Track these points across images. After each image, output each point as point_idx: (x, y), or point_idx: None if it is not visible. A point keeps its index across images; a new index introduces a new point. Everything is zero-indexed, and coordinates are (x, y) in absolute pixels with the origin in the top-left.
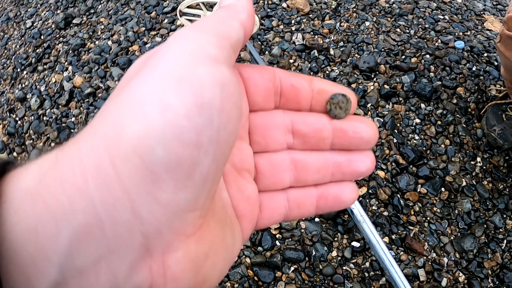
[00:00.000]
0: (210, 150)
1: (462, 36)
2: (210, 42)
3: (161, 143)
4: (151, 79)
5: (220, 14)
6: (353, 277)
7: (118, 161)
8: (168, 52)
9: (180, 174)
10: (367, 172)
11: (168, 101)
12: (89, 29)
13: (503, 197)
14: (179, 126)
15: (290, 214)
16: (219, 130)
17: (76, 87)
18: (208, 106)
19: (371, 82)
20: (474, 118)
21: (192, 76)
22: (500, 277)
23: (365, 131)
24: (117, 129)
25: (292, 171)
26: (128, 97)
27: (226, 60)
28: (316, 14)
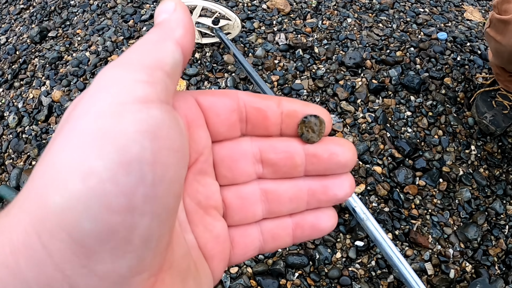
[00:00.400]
0: (147, 210)
1: (444, 28)
2: (137, 80)
3: (86, 215)
4: (71, 140)
5: (151, 37)
6: (360, 278)
7: (45, 238)
8: (90, 102)
9: (115, 243)
10: (345, 197)
11: (89, 164)
12: (65, 42)
13: (501, 183)
14: (104, 192)
15: (265, 247)
16: (154, 185)
17: (55, 102)
18: (137, 162)
19: (358, 78)
20: (464, 107)
21: (115, 130)
22: (507, 263)
23: (341, 154)
24: (40, 202)
25: (264, 203)
26: (50, 163)
27: (160, 96)
28: (297, 14)
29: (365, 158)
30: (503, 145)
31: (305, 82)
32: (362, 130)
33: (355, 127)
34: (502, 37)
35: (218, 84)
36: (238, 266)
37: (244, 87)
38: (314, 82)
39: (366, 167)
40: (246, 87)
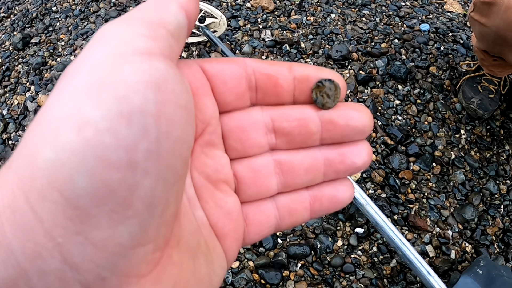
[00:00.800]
0: (151, 168)
1: (426, 19)
2: (139, 34)
3: (81, 171)
4: (67, 90)
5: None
6: (363, 264)
7: (34, 199)
8: (88, 55)
9: (114, 205)
10: (364, 166)
11: (85, 114)
12: (49, 47)
13: (492, 164)
14: (102, 144)
15: (282, 224)
16: (158, 140)
17: (40, 106)
18: (140, 114)
19: (346, 70)
20: (451, 94)
21: (115, 78)
22: (505, 241)
23: (358, 119)
24: (29, 159)
25: (278, 175)
26: (42, 116)
27: (163, 51)
28: (281, 11)
29: None
30: (492, 128)
31: None
32: None
33: None
34: (487, 19)
35: None
36: (239, 260)
37: None
38: None
39: None
40: None
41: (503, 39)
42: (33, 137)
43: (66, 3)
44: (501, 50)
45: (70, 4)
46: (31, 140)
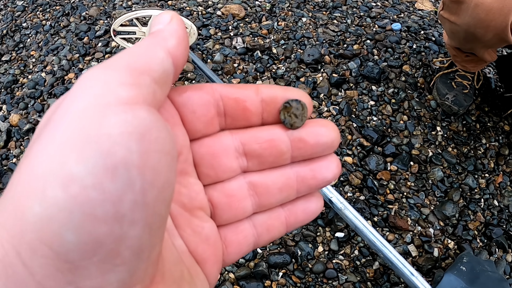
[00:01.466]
0: (137, 218)
1: (397, 19)
2: (122, 82)
3: (69, 226)
4: (50, 143)
5: (142, 43)
6: (345, 269)
7: (25, 254)
8: (71, 103)
9: (102, 256)
10: (334, 178)
11: (70, 170)
12: (20, 64)
13: (470, 159)
14: (88, 200)
15: (260, 240)
16: (144, 191)
17: (13, 126)
18: (124, 166)
19: (319, 74)
20: (425, 91)
21: (98, 132)
22: (487, 235)
23: (327, 135)
24: (18, 214)
25: (253, 197)
26: (27, 169)
27: (146, 99)
28: (252, 17)
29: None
30: (467, 123)
31: (266, 82)
32: None
33: None
34: (456, 17)
35: None
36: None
37: None
38: (276, 82)
39: None
40: None
41: (473, 36)
42: (20, 191)
43: (36, 18)
44: (472, 46)
45: (40, 20)
46: (18, 194)
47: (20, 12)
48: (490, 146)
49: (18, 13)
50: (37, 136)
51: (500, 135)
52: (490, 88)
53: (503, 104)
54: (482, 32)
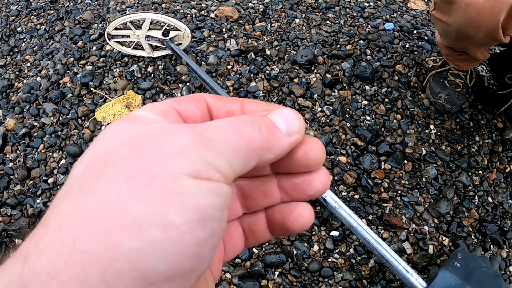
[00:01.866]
0: (210, 256)
1: (390, 19)
2: (215, 168)
3: (162, 259)
4: (149, 193)
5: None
6: (341, 267)
7: (111, 277)
8: (168, 164)
9: (179, 281)
10: (318, 194)
11: (170, 218)
12: (15, 69)
13: (464, 157)
14: (182, 242)
15: (247, 243)
16: (219, 236)
17: (9, 130)
18: (211, 220)
19: (312, 74)
20: (418, 90)
21: (194, 193)
22: (482, 231)
23: (312, 153)
24: (108, 245)
25: (240, 198)
26: (120, 210)
27: (227, 180)
28: (246, 19)
29: (328, 149)
30: (461, 121)
31: (260, 83)
32: (322, 124)
33: (314, 121)
34: (448, 17)
35: (174, 95)
36: None
37: None
38: (269, 83)
39: (331, 158)
40: None
41: (465, 35)
42: (112, 228)
43: (30, 23)
44: (464, 45)
45: (34, 24)
46: (109, 229)
47: (14, 17)
48: (484, 143)
49: (13, 18)
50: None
51: (493, 133)
52: (483, 86)
53: (496, 102)
54: (474, 32)
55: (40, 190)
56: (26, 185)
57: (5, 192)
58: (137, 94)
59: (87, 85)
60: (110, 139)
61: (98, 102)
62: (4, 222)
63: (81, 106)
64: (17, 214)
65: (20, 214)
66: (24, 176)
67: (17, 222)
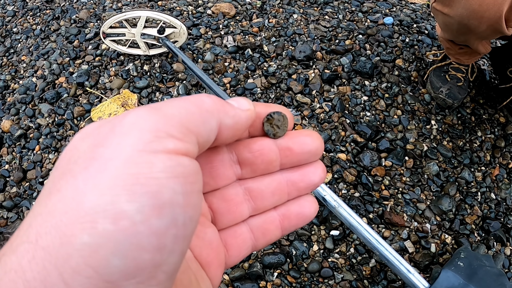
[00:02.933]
0: (177, 248)
1: (389, 13)
2: (171, 135)
3: (116, 253)
4: (101, 180)
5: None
6: (341, 267)
7: (67, 275)
8: (120, 144)
9: (141, 278)
10: (321, 181)
11: (121, 207)
12: (11, 70)
13: (466, 152)
14: (136, 233)
15: (257, 244)
16: (185, 225)
17: (5, 132)
18: (170, 206)
19: (311, 70)
20: (418, 85)
21: (147, 175)
22: (485, 228)
23: (311, 143)
24: (64, 240)
25: (248, 202)
26: (74, 201)
27: (188, 153)
28: (243, 15)
29: (327, 147)
30: (462, 116)
31: (257, 80)
32: (321, 120)
33: (313, 118)
34: (449, 9)
35: (170, 94)
36: None
37: (196, 92)
38: (267, 79)
39: (330, 155)
40: (198, 92)
41: (466, 28)
42: (67, 222)
43: (26, 23)
44: (466, 38)
45: (30, 24)
46: (65, 224)
47: (10, 17)
48: (486, 138)
49: (9, 18)
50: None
51: (495, 127)
52: (484, 80)
53: (498, 96)
54: (476, 24)
55: (36, 192)
56: (22, 187)
57: (1, 195)
58: (133, 93)
59: (82, 84)
60: (74, 139)
61: (93, 101)
62: (1, 225)
63: (77, 106)
64: (13, 216)
65: (16, 216)
66: (20, 178)
67: (13, 224)
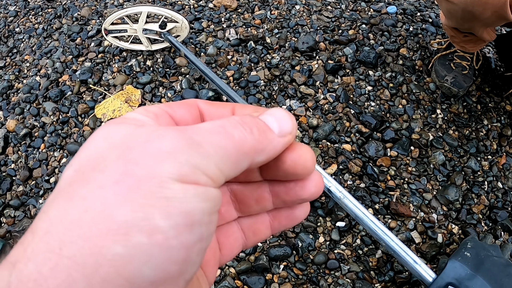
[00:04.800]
0: (198, 260)
1: (392, 2)
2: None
3: (149, 265)
4: (134, 197)
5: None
6: (347, 259)
7: (97, 283)
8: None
9: (166, 285)
10: (311, 197)
11: (155, 223)
12: (14, 70)
13: (472, 141)
14: (168, 247)
15: (248, 243)
16: (208, 239)
17: (10, 132)
18: (199, 224)
19: (314, 61)
20: (423, 74)
21: (180, 197)
22: (492, 218)
23: (297, 159)
24: (94, 251)
25: (234, 203)
26: (104, 214)
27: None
28: (245, 8)
29: (332, 138)
30: (468, 104)
31: (260, 73)
32: (325, 111)
33: (317, 109)
34: None
35: (174, 88)
36: (220, 268)
37: (199, 86)
38: (270, 72)
39: (335, 146)
40: (201, 86)
41: (471, 14)
42: (96, 233)
43: (29, 22)
44: (470, 26)
45: (33, 24)
46: (94, 235)
47: (12, 18)
48: (492, 127)
49: (11, 19)
50: (108, 175)
51: (502, 116)
52: (490, 68)
53: (504, 84)
54: (480, 10)
55: (42, 190)
56: (28, 186)
57: (8, 194)
58: (136, 89)
59: (86, 82)
60: (98, 143)
61: (97, 98)
62: (8, 224)
63: (81, 104)
64: (20, 215)
65: (24, 215)
66: (26, 176)
67: (20, 223)
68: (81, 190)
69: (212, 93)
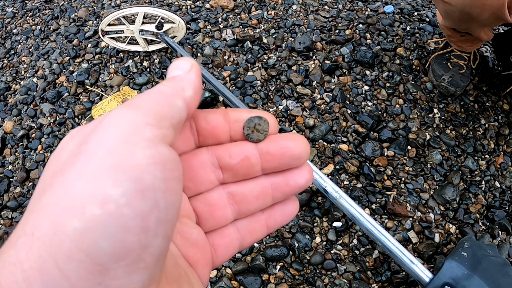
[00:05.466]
0: (160, 231)
1: (389, 1)
2: (147, 123)
3: (104, 236)
4: (87, 171)
5: (165, 89)
6: (344, 259)
7: (61, 261)
8: (102, 138)
9: (129, 261)
10: (307, 184)
11: (106, 192)
12: (11, 71)
13: (469, 141)
14: (122, 215)
15: (244, 243)
16: (166, 209)
17: (7, 133)
18: (151, 190)
19: (311, 61)
20: (420, 73)
21: (129, 163)
22: (490, 217)
23: (293, 147)
24: (56, 228)
25: (233, 205)
26: (64, 192)
27: (165, 139)
28: (242, 8)
29: (329, 138)
30: (465, 103)
31: (257, 73)
32: (322, 111)
33: (314, 109)
34: None
35: None
36: (216, 269)
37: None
38: (267, 72)
39: (332, 146)
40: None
41: (468, 16)
42: (59, 210)
43: (26, 24)
44: (468, 26)
45: (30, 25)
46: (57, 213)
47: (10, 19)
48: (490, 126)
49: (8, 20)
50: (71, 162)
51: (499, 115)
52: (487, 67)
53: (501, 83)
54: (478, 12)
55: None
56: (25, 187)
57: (5, 195)
58: (133, 90)
59: (83, 83)
60: (62, 141)
61: (94, 99)
62: (5, 225)
63: (78, 105)
64: (18, 216)
65: (21, 216)
66: (24, 178)
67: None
68: (49, 181)
69: (208, 94)
